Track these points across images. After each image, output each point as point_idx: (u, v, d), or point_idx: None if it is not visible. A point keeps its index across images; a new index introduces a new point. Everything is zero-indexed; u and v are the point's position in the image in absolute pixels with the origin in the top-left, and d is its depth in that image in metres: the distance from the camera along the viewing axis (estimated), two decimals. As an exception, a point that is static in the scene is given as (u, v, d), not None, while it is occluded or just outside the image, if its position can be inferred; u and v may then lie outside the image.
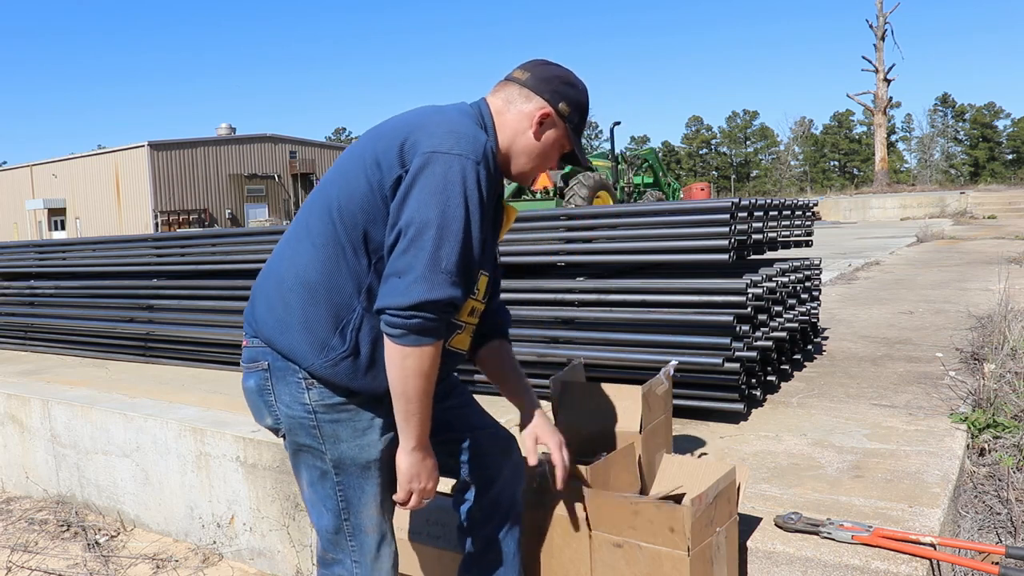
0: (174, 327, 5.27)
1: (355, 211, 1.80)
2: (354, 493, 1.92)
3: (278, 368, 1.88)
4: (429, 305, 1.69)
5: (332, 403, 1.86)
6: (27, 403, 4.70)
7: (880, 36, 34.76)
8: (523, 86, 1.94)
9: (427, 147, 1.75)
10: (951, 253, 11.62)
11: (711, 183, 40.21)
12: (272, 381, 1.89)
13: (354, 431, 1.88)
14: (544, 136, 1.95)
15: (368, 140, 1.88)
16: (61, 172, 51.37)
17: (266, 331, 1.90)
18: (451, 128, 1.79)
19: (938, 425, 3.26)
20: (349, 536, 1.95)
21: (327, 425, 1.87)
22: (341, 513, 1.93)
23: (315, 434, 1.89)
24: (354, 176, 1.82)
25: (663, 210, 3.63)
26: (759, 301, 3.40)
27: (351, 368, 1.83)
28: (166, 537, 4.02)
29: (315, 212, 1.88)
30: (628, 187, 19.95)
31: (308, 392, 1.86)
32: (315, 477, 1.93)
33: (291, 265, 1.88)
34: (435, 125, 1.80)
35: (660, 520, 1.99)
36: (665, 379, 2.51)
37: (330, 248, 1.82)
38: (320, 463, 1.91)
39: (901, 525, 2.31)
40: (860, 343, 5.04)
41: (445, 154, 1.73)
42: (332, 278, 1.82)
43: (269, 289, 1.92)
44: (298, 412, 1.88)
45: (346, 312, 1.82)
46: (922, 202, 25.94)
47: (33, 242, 6.68)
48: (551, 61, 2.00)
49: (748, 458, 2.97)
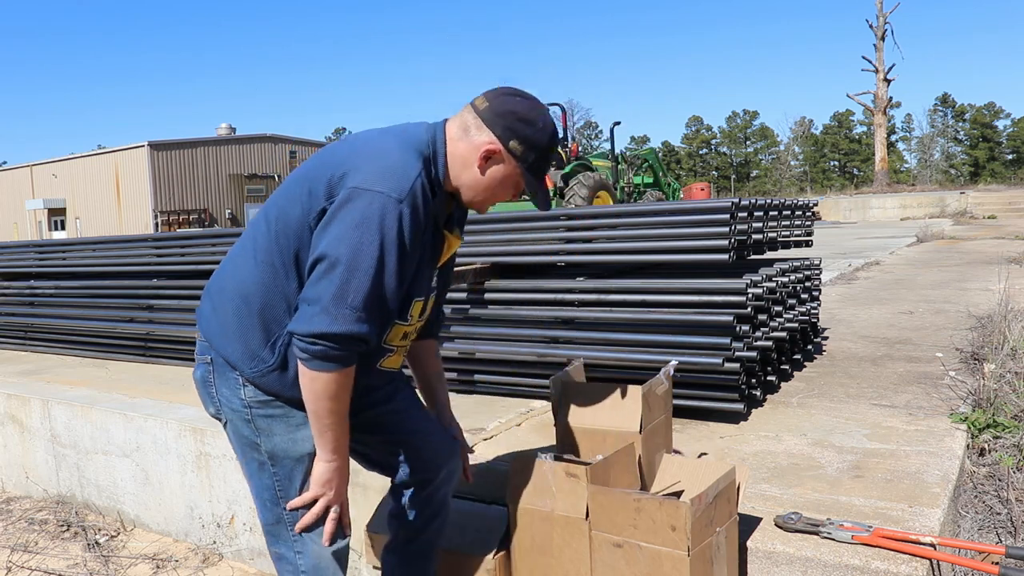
0: (174, 327, 5.27)
1: (289, 234, 1.86)
2: (290, 484, 1.98)
3: (219, 364, 1.97)
4: (330, 336, 1.75)
5: (265, 399, 1.95)
6: (27, 403, 4.70)
7: (880, 36, 34.76)
8: (479, 116, 1.89)
9: (352, 182, 1.77)
10: (951, 253, 11.62)
11: (711, 183, 40.21)
12: (214, 375, 1.99)
13: (287, 426, 1.95)
14: (489, 172, 1.90)
15: (311, 165, 1.92)
16: (61, 172, 51.32)
17: (209, 332, 2.00)
18: (381, 164, 1.79)
19: (938, 425, 3.26)
20: (288, 527, 2.01)
21: (261, 419, 1.95)
22: (280, 503, 1.99)
23: (251, 427, 1.97)
24: (294, 199, 1.87)
25: (663, 210, 3.63)
26: (759, 301, 3.40)
27: (278, 380, 1.92)
28: (166, 537, 4.02)
29: (260, 227, 1.95)
30: (628, 187, 19.94)
31: (243, 389, 1.95)
32: (254, 469, 2.01)
33: (233, 275, 1.96)
34: (367, 158, 1.82)
35: (662, 518, 1.99)
36: (665, 379, 2.51)
37: (267, 266, 1.89)
38: (257, 454, 1.99)
39: (901, 525, 2.31)
40: (860, 343, 5.04)
41: (367, 191, 1.75)
42: (267, 294, 1.89)
43: (214, 293, 2.02)
44: (236, 405, 1.96)
45: (277, 328, 1.90)
46: (922, 202, 25.94)
47: (33, 242, 6.67)
48: (517, 92, 1.92)
49: (748, 458, 2.97)
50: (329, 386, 1.79)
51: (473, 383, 4.01)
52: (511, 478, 2.31)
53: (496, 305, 3.91)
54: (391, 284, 1.78)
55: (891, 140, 69.52)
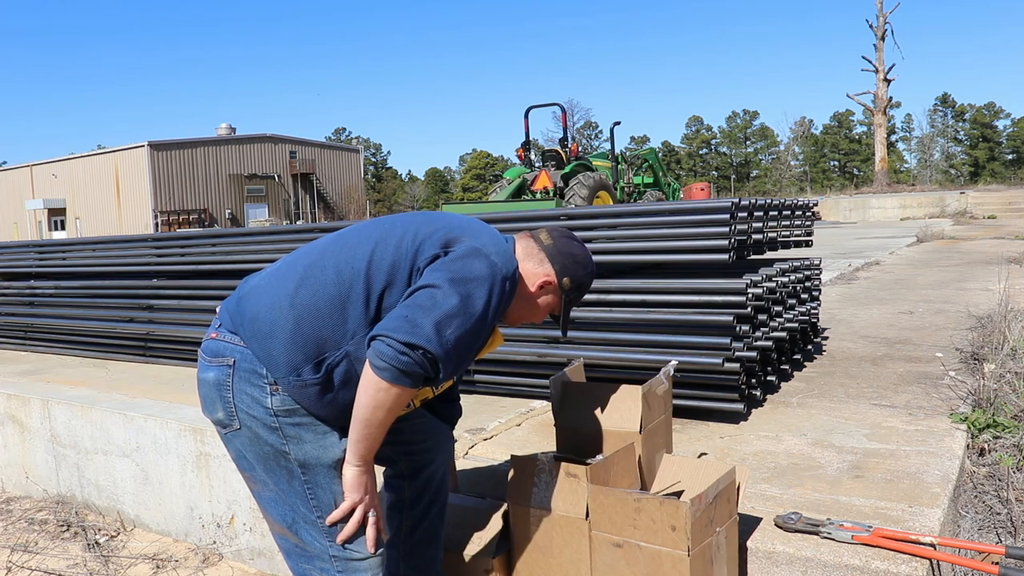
0: (174, 327, 5.27)
1: (384, 270, 1.94)
2: (323, 492, 1.95)
3: (243, 368, 1.93)
4: (422, 353, 1.80)
5: (292, 408, 1.92)
6: (27, 403, 4.70)
7: (880, 36, 34.73)
8: (543, 249, 2.13)
9: (473, 243, 1.96)
10: (951, 253, 11.62)
11: (711, 183, 40.19)
12: (233, 379, 1.94)
13: (316, 433, 1.94)
14: (541, 297, 2.13)
15: (409, 220, 2.06)
16: (61, 172, 51.36)
17: (249, 330, 1.94)
18: (497, 241, 2.03)
19: (938, 425, 3.26)
20: (321, 534, 1.97)
21: (289, 427, 1.93)
22: (313, 511, 1.96)
23: (278, 435, 1.93)
24: (391, 244, 1.98)
25: (663, 210, 3.63)
26: (759, 301, 3.40)
27: (315, 397, 1.92)
28: (166, 537, 4.02)
29: (343, 255, 1.99)
30: (628, 187, 19.93)
31: (271, 397, 1.92)
32: (282, 477, 1.97)
33: (307, 285, 1.95)
34: (482, 231, 2.05)
35: (662, 518, 1.99)
36: (665, 379, 2.51)
37: (349, 290, 1.93)
38: (286, 462, 1.95)
39: (901, 525, 2.31)
40: (860, 343, 5.04)
41: (488, 256, 1.93)
42: (338, 313, 1.91)
43: (277, 293, 1.96)
44: (259, 413, 1.92)
45: (332, 348, 1.91)
46: (922, 202, 25.92)
47: (33, 242, 6.68)
48: (575, 237, 2.20)
49: (748, 458, 2.97)
50: (392, 399, 1.83)
51: (473, 383, 4.01)
52: (511, 478, 2.31)
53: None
54: (475, 343, 1.94)
55: (891, 140, 69.52)
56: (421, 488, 2.28)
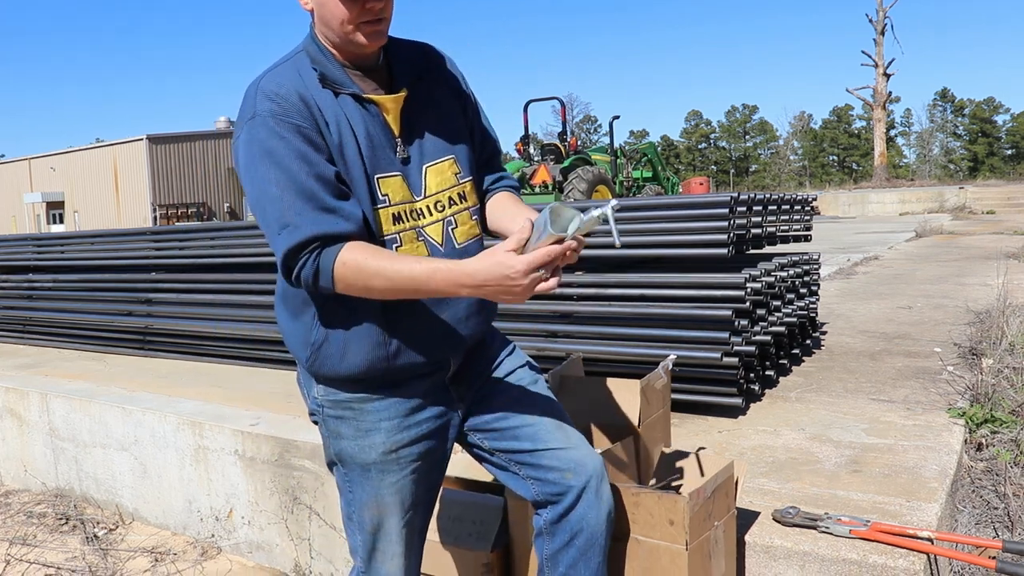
0: (172, 320, 5.27)
1: None
2: (358, 487, 1.89)
3: (299, 364, 1.94)
4: (289, 252, 1.64)
5: (336, 399, 1.85)
6: (25, 396, 4.70)
7: (880, 31, 34.68)
8: None
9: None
10: (950, 248, 11.62)
11: (710, 177, 40.14)
12: (300, 377, 1.95)
13: (356, 430, 1.85)
14: (312, 3, 1.75)
15: None
16: (59, 165, 51.23)
17: (282, 334, 1.96)
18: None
19: (936, 420, 3.27)
20: (357, 529, 1.94)
21: (331, 420, 1.87)
22: (350, 503, 1.93)
23: (321, 428, 1.92)
24: None
25: (662, 204, 3.63)
26: (757, 296, 3.40)
27: (329, 354, 1.79)
28: (164, 530, 4.03)
29: None
30: (627, 181, 19.91)
31: (316, 387, 1.88)
32: (329, 465, 1.97)
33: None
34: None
35: (660, 512, 1.99)
36: (664, 373, 2.51)
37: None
38: (327, 454, 1.94)
39: (899, 519, 2.31)
40: (858, 338, 5.05)
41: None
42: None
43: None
44: (312, 406, 1.91)
45: (310, 305, 1.80)
46: (921, 197, 25.90)
47: (31, 235, 6.67)
48: None
49: (746, 452, 2.97)
50: (349, 278, 1.64)
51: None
52: (509, 472, 2.30)
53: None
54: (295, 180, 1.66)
55: (890, 135, 69.48)
56: (553, 527, 1.94)
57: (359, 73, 1.79)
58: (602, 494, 1.89)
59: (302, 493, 3.42)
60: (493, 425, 1.94)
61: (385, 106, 1.78)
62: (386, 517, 1.89)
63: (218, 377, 4.65)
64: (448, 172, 1.85)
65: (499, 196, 1.98)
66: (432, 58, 1.94)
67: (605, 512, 1.88)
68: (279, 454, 3.47)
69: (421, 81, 1.86)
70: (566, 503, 1.87)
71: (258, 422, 3.67)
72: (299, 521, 3.46)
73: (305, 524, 3.43)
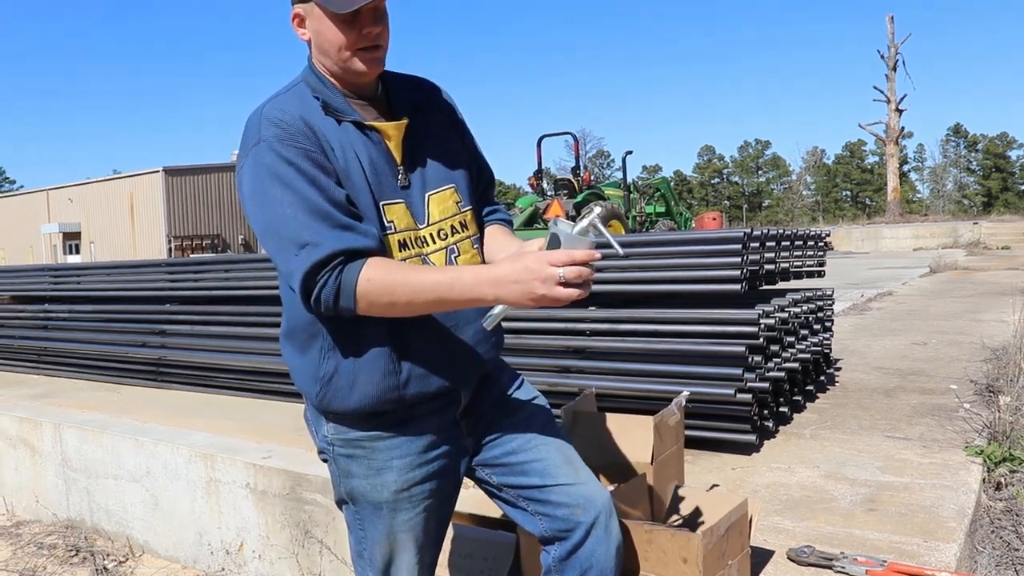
0: (186, 352, 5.29)
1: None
2: (369, 524, 1.87)
3: (307, 401, 1.91)
4: (306, 274, 1.62)
5: (347, 438, 1.83)
6: (39, 427, 4.72)
7: (892, 66, 34.82)
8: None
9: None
10: (964, 284, 11.56)
11: (723, 212, 40.13)
12: (308, 414, 1.92)
13: (368, 469, 1.82)
14: (311, 34, 1.76)
15: None
16: (76, 196, 51.80)
17: (290, 371, 1.94)
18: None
19: (953, 458, 3.23)
20: (368, 566, 1.91)
21: (341, 459, 1.85)
22: (361, 541, 1.90)
23: (331, 467, 1.88)
24: None
25: (675, 240, 3.63)
26: (771, 332, 3.39)
27: (339, 387, 1.77)
28: (175, 563, 4.01)
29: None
30: (640, 216, 19.93)
31: (326, 425, 1.85)
32: (338, 503, 1.93)
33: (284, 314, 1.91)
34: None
35: (674, 549, 1.97)
36: (677, 410, 2.50)
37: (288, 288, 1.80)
38: (337, 492, 1.91)
39: (916, 560, 2.28)
40: (873, 374, 5.01)
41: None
42: (299, 314, 1.79)
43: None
44: (321, 444, 1.88)
45: (317, 338, 1.79)
46: (935, 232, 25.82)
47: (48, 266, 6.74)
48: None
49: (760, 490, 2.94)
50: (373, 295, 1.61)
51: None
52: (521, 508, 2.29)
53: (506, 334, 3.90)
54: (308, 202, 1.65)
55: (903, 170, 69.39)
56: (563, 563, 1.91)
57: (360, 102, 1.81)
58: (611, 530, 1.86)
59: (313, 527, 3.41)
60: (502, 460, 1.93)
61: (387, 133, 1.80)
62: (398, 554, 1.87)
63: (228, 409, 4.66)
64: (449, 200, 1.87)
65: (492, 228, 2.00)
66: (428, 89, 1.96)
67: (614, 548, 1.86)
68: (291, 488, 3.46)
69: (419, 112, 1.88)
70: (575, 539, 1.84)
71: (270, 455, 3.67)
72: (310, 556, 3.43)
73: (316, 559, 3.41)
